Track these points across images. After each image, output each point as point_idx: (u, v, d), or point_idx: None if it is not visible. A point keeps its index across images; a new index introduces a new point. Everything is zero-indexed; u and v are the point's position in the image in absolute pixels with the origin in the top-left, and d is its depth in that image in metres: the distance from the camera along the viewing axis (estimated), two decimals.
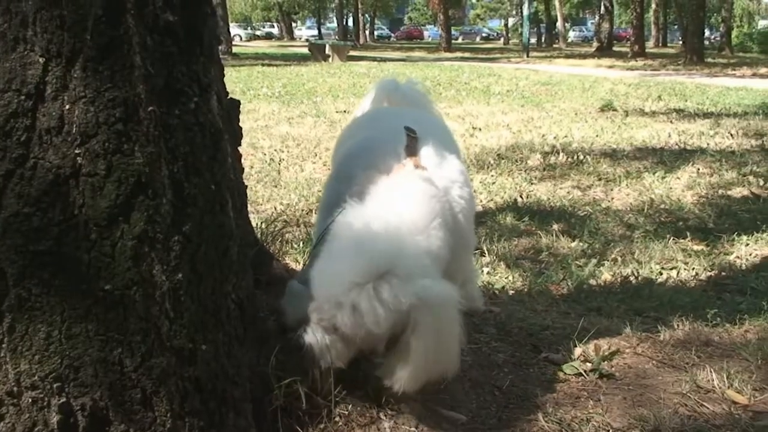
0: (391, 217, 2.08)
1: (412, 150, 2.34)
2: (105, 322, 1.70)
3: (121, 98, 1.69)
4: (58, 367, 1.71)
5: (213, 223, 1.88)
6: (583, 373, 2.52)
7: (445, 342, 1.98)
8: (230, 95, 2.19)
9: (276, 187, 6.16)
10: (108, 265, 1.70)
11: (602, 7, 38.03)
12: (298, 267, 3.11)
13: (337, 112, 11.38)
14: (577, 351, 2.67)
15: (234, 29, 54.76)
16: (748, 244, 4.56)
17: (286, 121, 10.35)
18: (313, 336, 1.97)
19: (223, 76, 2.08)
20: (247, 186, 2.21)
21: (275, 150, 7.89)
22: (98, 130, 1.68)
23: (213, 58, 1.94)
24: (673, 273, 4.08)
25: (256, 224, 3.47)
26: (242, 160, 2.21)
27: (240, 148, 2.27)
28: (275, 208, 5.44)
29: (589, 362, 2.58)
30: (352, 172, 2.38)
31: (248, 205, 5.43)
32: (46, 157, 1.67)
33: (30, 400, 1.73)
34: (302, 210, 5.38)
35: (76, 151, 1.68)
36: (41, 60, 1.66)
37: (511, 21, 64.59)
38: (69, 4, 1.65)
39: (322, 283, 1.97)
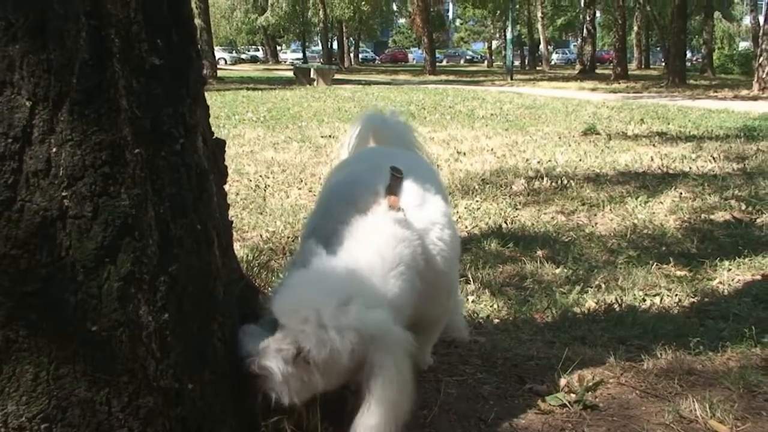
0: (351, 260, 2.11)
1: (393, 190, 2.34)
2: (92, 363, 1.72)
3: (107, 141, 1.72)
4: (45, 408, 1.72)
5: (199, 263, 1.90)
6: (568, 404, 2.54)
7: (403, 383, 1.96)
8: (216, 119, 2.23)
9: (261, 214, 6.17)
10: (95, 306, 1.71)
11: (585, 30, 38.38)
12: None
13: (322, 136, 11.41)
14: (562, 382, 2.69)
15: (219, 53, 54.83)
16: (730, 269, 4.60)
17: (272, 146, 10.37)
18: (275, 363, 1.93)
19: (209, 116, 2.11)
20: (232, 213, 2.24)
21: (260, 176, 7.91)
22: (85, 172, 1.70)
23: (199, 100, 1.97)
24: (657, 299, 4.11)
25: (243, 255, 3.49)
26: (228, 187, 2.22)
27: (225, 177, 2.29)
28: (261, 236, 5.45)
29: (574, 393, 2.60)
30: (330, 207, 2.41)
31: (234, 233, 5.44)
32: (33, 200, 1.69)
33: None
34: (288, 237, 5.39)
35: (63, 194, 1.69)
36: (28, 103, 1.68)
37: (494, 44, 64.97)
38: (55, 49, 1.67)
39: (283, 313, 1.96)
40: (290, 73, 35.05)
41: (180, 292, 1.83)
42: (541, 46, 57.50)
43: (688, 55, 39.86)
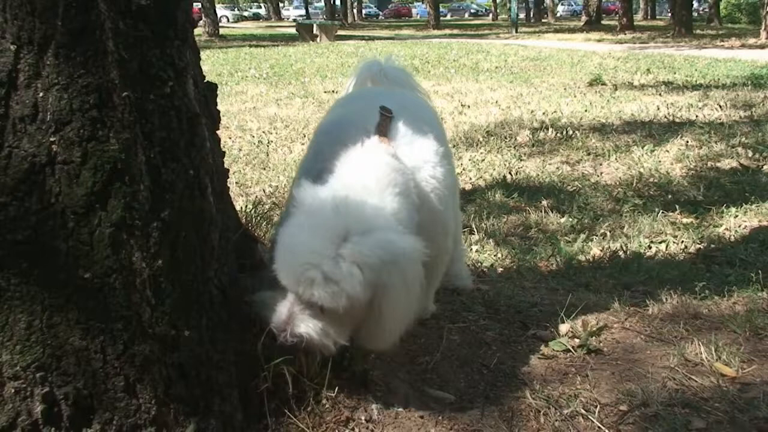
0: (342, 185, 2.07)
1: (382, 128, 2.29)
2: (86, 311, 1.69)
3: (94, 84, 1.67)
4: (40, 357, 1.70)
5: (192, 209, 1.86)
6: (571, 349, 2.52)
7: (412, 296, 1.99)
8: (218, 77, 2.19)
9: (264, 169, 6.13)
10: (87, 253, 1.68)
11: None
12: None
13: (325, 92, 11.33)
14: (565, 327, 2.66)
15: (221, 11, 54.45)
16: (736, 216, 4.56)
17: (274, 102, 10.30)
18: (305, 326, 1.94)
19: (199, 59, 2.06)
20: (235, 169, 2.19)
21: (263, 132, 7.85)
22: (73, 117, 1.67)
23: (188, 42, 1.92)
24: (662, 246, 4.08)
25: (244, 207, 3.46)
26: (231, 142, 2.18)
27: (229, 131, 2.26)
28: (264, 191, 5.42)
29: (577, 338, 2.57)
30: (320, 147, 2.37)
31: (237, 188, 5.41)
32: (20, 146, 1.65)
33: (13, 390, 1.72)
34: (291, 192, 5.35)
35: (51, 139, 1.66)
36: (12, 47, 1.64)
37: None
38: None
39: (288, 278, 1.94)
40: (293, 30, 34.79)
41: (173, 238, 1.79)
42: None
43: (695, 5, 39.36)
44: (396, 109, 2.40)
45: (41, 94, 1.66)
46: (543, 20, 53.47)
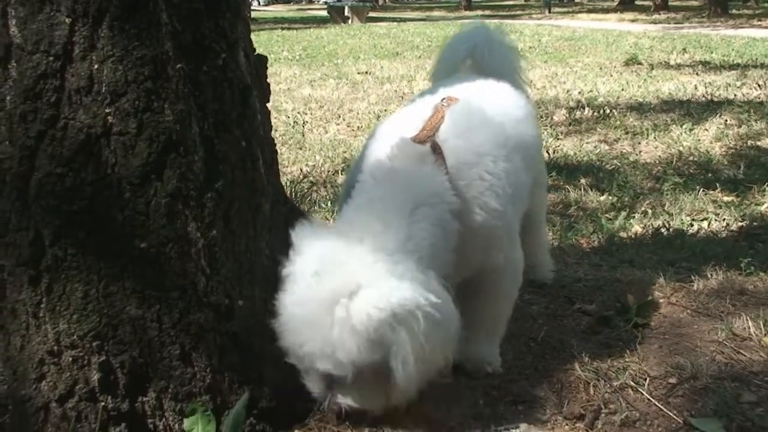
0: (345, 221, 1.89)
1: (430, 123, 2.03)
2: (142, 280, 1.72)
3: (149, 56, 1.69)
4: (96, 326, 1.73)
5: (245, 180, 1.88)
6: (618, 323, 2.51)
7: (430, 347, 1.72)
8: None
9: (301, 149, 6.14)
10: (143, 223, 1.71)
11: None
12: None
13: (358, 73, 11.31)
14: (611, 301, 2.65)
15: None
16: None
17: (308, 83, 10.30)
18: (342, 398, 1.82)
19: (250, 32, 2.06)
20: None
21: (298, 113, 7.86)
22: (128, 88, 1.69)
23: (239, 14, 1.93)
24: (704, 224, 4.04)
25: (284, 185, 3.48)
26: None
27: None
28: (301, 170, 5.43)
29: (624, 312, 2.56)
30: (364, 152, 2.17)
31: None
32: (76, 117, 1.68)
33: (70, 359, 1.75)
34: (328, 171, 5.37)
35: (107, 110, 1.68)
36: (68, 20, 1.66)
37: None
38: None
39: (290, 343, 1.75)
40: (324, 13, 34.68)
41: (227, 209, 1.81)
42: None
43: None
44: (465, 97, 2.19)
45: (96, 66, 1.68)
46: (576, 0, 52.93)
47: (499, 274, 2.15)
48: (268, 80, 2.14)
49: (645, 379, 2.18)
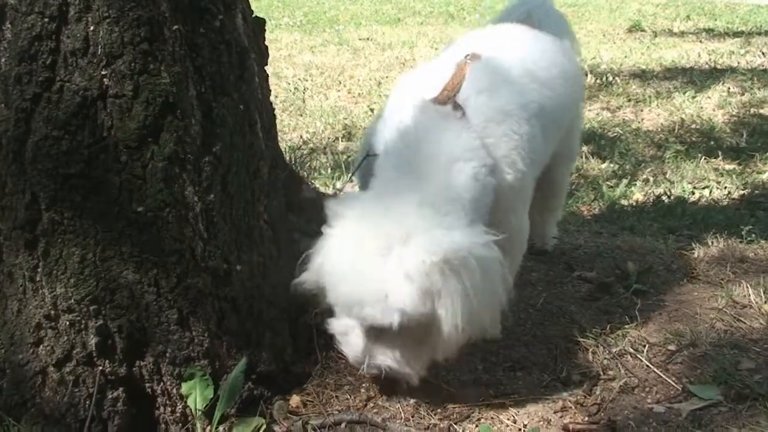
0: (380, 182, 1.90)
1: (452, 82, 1.98)
2: (139, 244, 1.71)
3: (145, 17, 1.66)
4: (93, 290, 1.72)
5: (243, 144, 1.86)
6: (618, 290, 2.50)
7: (478, 298, 1.73)
8: None
9: (301, 115, 6.11)
10: (139, 186, 1.69)
11: None
12: (328, 192, 3.09)
13: (360, 39, 11.21)
14: (611, 268, 2.65)
15: None
16: None
17: (309, 49, 10.22)
18: (381, 357, 1.80)
19: None
20: None
21: (299, 79, 7.81)
22: (124, 50, 1.66)
23: None
24: (706, 192, 4.03)
25: (283, 151, 3.45)
26: None
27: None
28: (301, 137, 5.41)
29: (624, 279, 2.55)
30: (389, 108, 2.13)
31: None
32: (72, 80, 1.66)
33: (67, 323, 1.75)
34: (328, 138, 5.35)
35: (103, 73, 1.66)
36: None
37: None
38: None
39: (338, 291, 1.77)
40: None
41: (225, 173, 1.80)
42: None
43: None
44: (497, 52, 2.14)
45: (92, 28, 1.65)
46: None
47: (510, 239, 2.04)
48: (266, 44, 2.10)
49: (644, 346, 2.18)
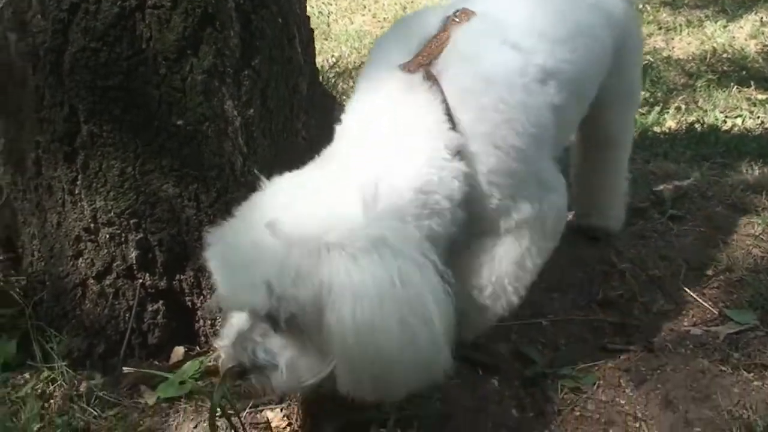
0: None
1: (432, 46, 1.60)
2: (179, 158, 1.70)
3: None
4: (133, 204, 1.72)
5: (282, 58, 1.83)
6: (653, 215, 2.48)
7: (386, 319, 1.29)
8: None
9: (326, 39, 6.03)
10: (179, 100, 1.67)
11: None
12: None
13: None
14: (646, 193, 2.62)
15: None
16: None
17: None
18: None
19: None
20: None
21: (323, 3, 7.68)
22: None
23: None
24: (738, 121, 3.96)
25: None
26: None
27: None
28: (326, 61, 5.34)
29: (659, 204, 2.53)
30: (365, 68, 1.77)
31: None
32: None
33: (107, 236, 1.75)
34: (354, 62, 5.28)
35: None
36: None
37: None
38: None
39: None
40: None
41: (264, 87, 1.77)
42: None
43: None
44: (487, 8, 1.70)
45: None
46: None
47: (527, 227, 1.68)
48: None
49: (680, 270, 2.17)
